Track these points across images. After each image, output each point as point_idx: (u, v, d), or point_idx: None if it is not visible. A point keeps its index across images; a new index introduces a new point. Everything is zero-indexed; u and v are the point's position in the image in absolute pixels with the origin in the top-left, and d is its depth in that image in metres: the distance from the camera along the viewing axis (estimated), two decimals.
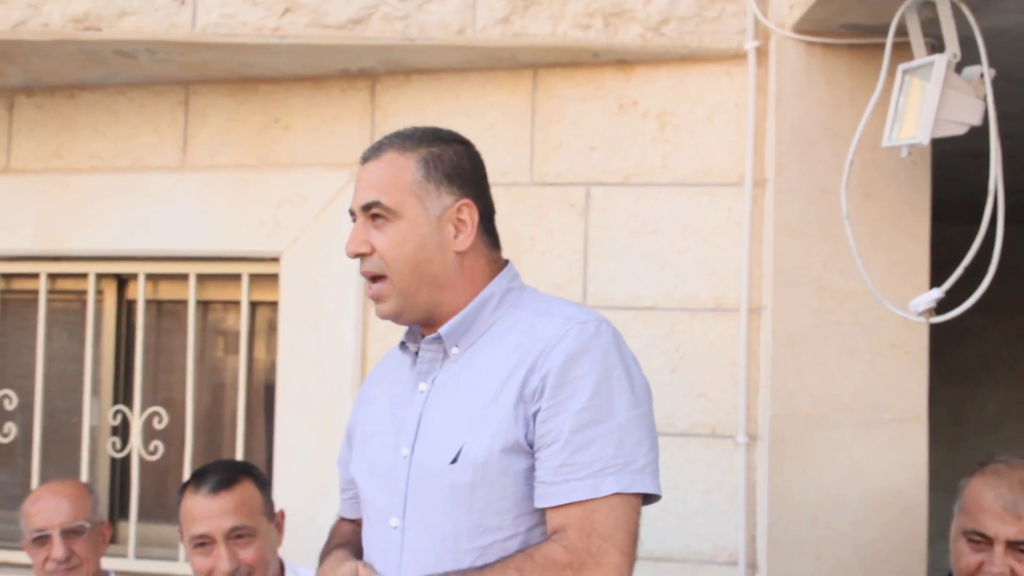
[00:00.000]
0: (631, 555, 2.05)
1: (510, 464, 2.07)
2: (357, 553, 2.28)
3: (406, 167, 2.18)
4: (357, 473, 2.29)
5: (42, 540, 3.20)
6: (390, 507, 2.16)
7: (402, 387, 2.25)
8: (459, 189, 2.18)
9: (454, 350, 2.18)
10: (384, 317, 2.20)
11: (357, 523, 2.38)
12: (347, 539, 2.36)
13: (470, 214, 2.18)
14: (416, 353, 2.23)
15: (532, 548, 2.05)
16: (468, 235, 2.18)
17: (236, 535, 2.84)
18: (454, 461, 2.08)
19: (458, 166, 2.20)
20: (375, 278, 2.17)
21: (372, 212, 2.17)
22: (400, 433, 2.18)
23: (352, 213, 2.21)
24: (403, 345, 2.28)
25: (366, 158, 2.22)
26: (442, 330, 2.17)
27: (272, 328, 3.90)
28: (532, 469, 2.08)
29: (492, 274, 2.24)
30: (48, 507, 3.23)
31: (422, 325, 2.22)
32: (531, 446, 2.07)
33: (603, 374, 2.06)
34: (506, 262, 2.29)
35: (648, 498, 2.10)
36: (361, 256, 2.18)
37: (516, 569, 2.02)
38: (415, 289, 2.17)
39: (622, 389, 2.08)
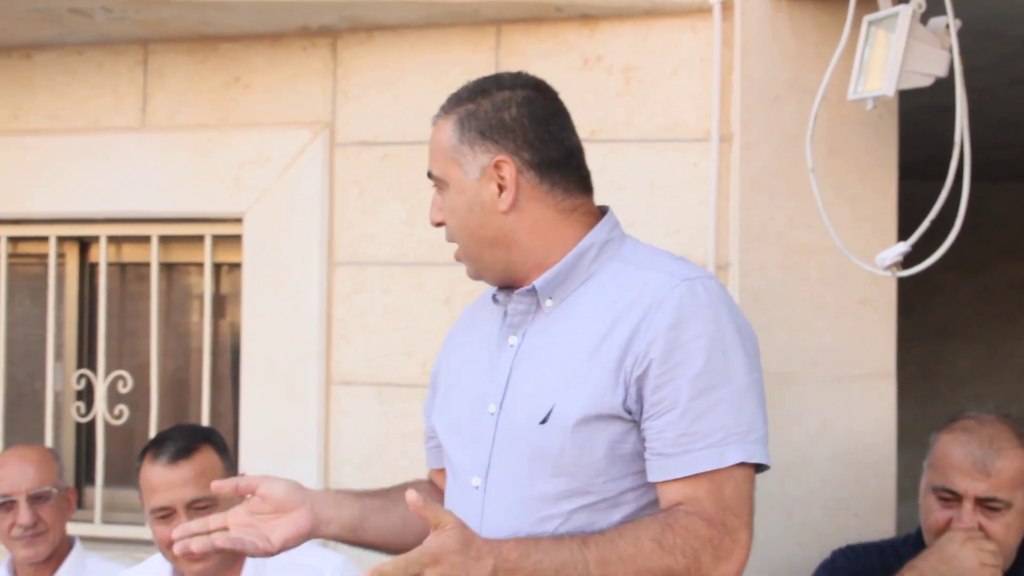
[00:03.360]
0: (753, 531, 2.01)
1: (602, 429, 1.99)
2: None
3: (444, 132, 2.14)
4: (439, 424, 2.25)
5: (7, 506, 3.18)
6: (472, 465, 2.11)
7: (490, 339, 2.19)
8: (495, 145, 2.10)
9: (548, 303, 2.11)
10: (473, 278, 2.20)
11: (442, 473, 2.34)
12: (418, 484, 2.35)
13: (508, 170, 2.09)
14: (506, 306, 2.17)
15: (666, 516, 1.95)
16: (508, 192, 2.09)
17: (197, 506, 2.80)
18: (544, 421, 2.01)
19: (496, 119, 2.11)
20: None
21: (433, 182, 2.18)
22: (487, 388, 2.12)
23: (430, 175, 2.22)
24: (494, 298, 2.22)
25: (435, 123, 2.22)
26: (537, 282, 2.10)
27: (237, 290, 3.86)
28: (626, 434, 2.00)
29: (580, 223, 2.15)
30: (13, 473, 3.21)
31: (505, 285, 2.17)
32: (629, 413, 1.99)
33: (716, 336, 1.97)
34: (605, 209, 2.23)
35: (758, 468, 2.02)
36: (442, 224, 2.18)
37: (654, 540, 1.91)
38: (480, 253, 2.13)
39: (736, 351, 1.99)
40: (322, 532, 2.19)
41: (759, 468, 2.03)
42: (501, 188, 2.09)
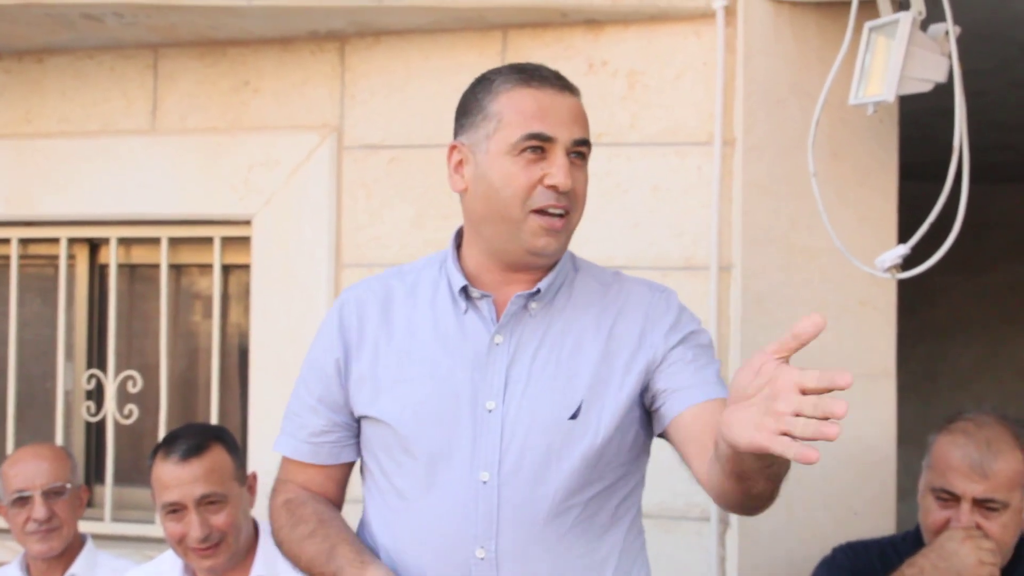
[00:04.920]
0: None
1: (631, 422, 2.15)
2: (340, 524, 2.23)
3: (582, 108, 2.18)
4: (390, 417, 2.16)
5: (22, 501, 3.21)
6: (474, 462, 2.11)
7: (455, 336, 2.17)
8: None
9: (533, 305, 2.16)
10: (549, 254, 2.13)
11: (331, 470, 2.30)
12: (337, 522, 2.24)
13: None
14: (469, 303, 2.18)
15: None
16: None
17: (207, 502, 2.84)
18: (573, 417, 2.09)
19: None
20: (563, 214, 2.12)
21: (580, 150, 2.13)
22: (479, 385, 2.12)
23: (543, 137, 2.09)
24: (464, 292, 2.18)
25: (559, 85, 2.15)
26: (542, 285, 2.15)
27: (245, 291, 3.90)
28: (639, 422, 2.17)
29: None
30: (28, 468, 3.24)
31: (522, 269, 2.17)
32: (640, 402, 2.16)
33: (702, 331, 2.22)
34: None
35: None
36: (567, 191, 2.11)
37: None
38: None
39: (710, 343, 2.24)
40: None
41: None
42: None
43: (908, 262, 2.80)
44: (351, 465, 2.32)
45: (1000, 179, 6.63)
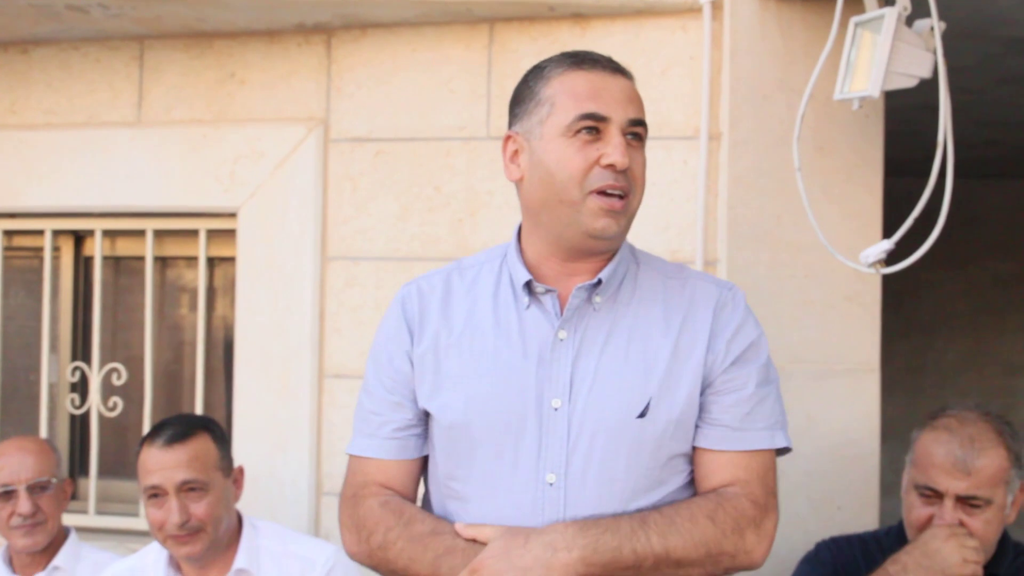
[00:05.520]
0: None
1: (693, 422, 2.14)
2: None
3: (637, 91, 2.19)
4: (452, 413, 2.15)
5: (7, 495, 3.21)
6: (539, 461, 2.09)
7: (516, 331, 2.15)
8: None
9: (597, 299, 2.14)
10: (610, 236, 2.11)
11: (403, 468, 2.24)
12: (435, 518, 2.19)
13: None
14: (532, 298, 2.16)
15: (717, 497, 2.10)
16: None
17: (188, 488, 2.86)
18: (642, 415, 2.08)
19: None
20: (622, 196, 2.11)
21: (636, 131, 2.14)
22: (544, 383, 2.10)
23: (597, 117, 2.09)
24: (527, 287, 2.16)
25: (611, 68, 2.15)
26: (603, 275, 2.14)
27: (230, 284, 3.89)
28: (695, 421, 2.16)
29: None
30: (13, 462, 3.23)
31: (583, 257, 2.16)
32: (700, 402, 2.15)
33: (762, 339, 2.21)
34: None
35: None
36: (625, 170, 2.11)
37: (708, 517, 2.07)
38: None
39: (767, 353, 2.23)
40: None
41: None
42: None
43: (893, 257, 2.80)
44: (427, 459, 2.27)
45: (984, 175, 6.66)
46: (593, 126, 2.08)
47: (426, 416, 2.22)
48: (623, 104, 2.11)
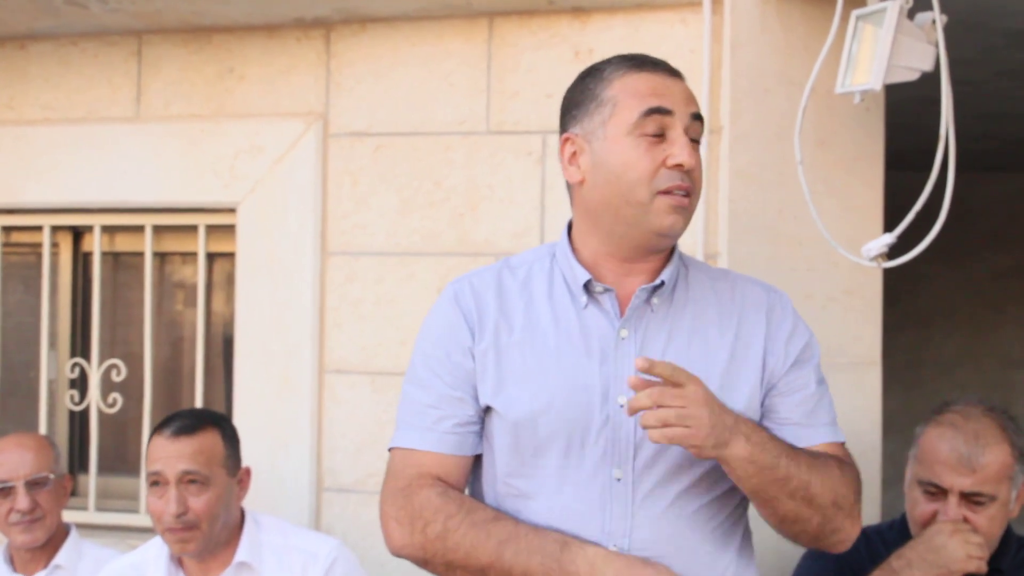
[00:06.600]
0: None
1: (755, 417, 2.17)
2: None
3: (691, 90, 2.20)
4: (518, 410, 2.14)
5: (6, 492, 3.21)
6: (605, 457, 2.11)
7: (576, 330, 2.16)
8: None
9: (655, 300, 2.16)
10: (676, 234, 2.14)
11: (459, 464, 2.22)
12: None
13: None
14: (589, 297, 2.17)
15: (836, 459, 2.20)
16: None
17: (188, 479, 2.86)
18: None
19: None
20: (687, 193, 2.11)
21: (695, 134, 2.14)
22: (608, 380, 2.11)
23: (663, 111, 2.10)
24: (586, 289, 2.17)
25: (669, 70, 2.17)
26: (665, 277, 2.16)
27: (230, 280, 3.89)
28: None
29: None
30: (11, 459, 3.23)
31: (642, 257, 2.18)
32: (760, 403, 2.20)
33: (814, 339, 2.28)
34: None
35: None
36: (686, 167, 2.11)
37: (838, 468, 2.17)
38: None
39: (819, 352, 2.30)
40: None
41: None
42: None
43: (893, 251, 2.80)
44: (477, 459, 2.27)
45: (984, 168, 6.65)
46: (658, 126, 2.10)
47: (484, 414, 2.22)
48: (685, 101, 2.14)
